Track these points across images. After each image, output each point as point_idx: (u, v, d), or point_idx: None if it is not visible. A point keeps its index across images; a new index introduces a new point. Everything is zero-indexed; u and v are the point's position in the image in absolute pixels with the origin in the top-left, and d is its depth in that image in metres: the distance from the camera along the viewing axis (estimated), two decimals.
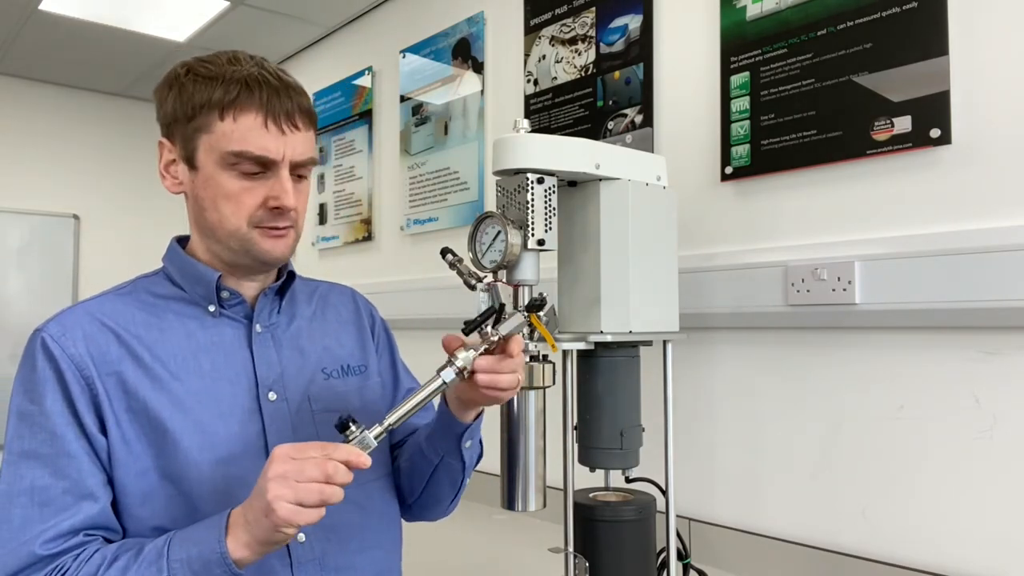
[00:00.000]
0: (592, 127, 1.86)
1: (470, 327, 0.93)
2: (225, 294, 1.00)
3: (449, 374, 0.90)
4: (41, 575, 0.85)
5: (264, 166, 0.94)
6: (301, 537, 0.96)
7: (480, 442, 1.12)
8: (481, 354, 0.91)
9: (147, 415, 0.92)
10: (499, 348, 0.93)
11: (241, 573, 0.82)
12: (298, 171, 0.98)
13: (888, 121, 1.33)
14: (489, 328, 0.92)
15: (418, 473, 1.11)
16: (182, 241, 1.04)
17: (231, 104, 0.93)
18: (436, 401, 0.99)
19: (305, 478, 0.79)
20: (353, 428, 0.84)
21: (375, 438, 0.85)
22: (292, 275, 1.07)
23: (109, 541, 0.91)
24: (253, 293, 1.03)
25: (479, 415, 1.03)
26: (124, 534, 0.92)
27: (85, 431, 0.91)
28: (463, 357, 0.90)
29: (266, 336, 1.03)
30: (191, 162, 0.97)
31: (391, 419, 0.87)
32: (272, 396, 1.00)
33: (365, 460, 0.82)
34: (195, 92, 0.95)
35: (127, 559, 0.85)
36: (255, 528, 0.81)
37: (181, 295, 1.01)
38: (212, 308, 1.00)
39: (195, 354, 0.97)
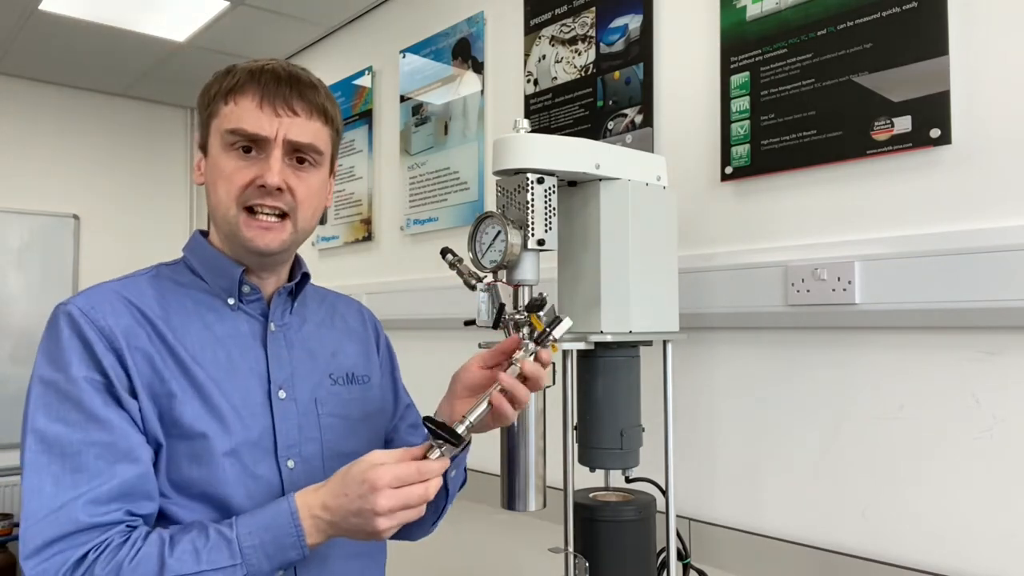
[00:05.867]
0: (592, 127, 1.86)
1: (540, 338, 0.97)
2: (246, 288, 1.02)
3: (514, 370, 0.96)
4: (87, 548, 0.82)
5: (257, 145, 0.96)
6: None
7: (464, 470, 1.13)
8: (536, 343, 0.97)
9: (168, 397, 0.92)
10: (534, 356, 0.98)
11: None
12: (297, 155, 0.98)
13: (888, 121, 1.33)
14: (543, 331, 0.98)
15: None
16: (204, 234, 1.06)
17: (233, 89, 0.97)
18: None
19: (415, 501, 0.85)
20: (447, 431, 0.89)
21: (466, 432, 0.91)
22: (306, 276, 1.09)
23: (146, 520, 0.90)
24: (269, 290, 1.05)
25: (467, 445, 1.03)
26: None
27: (115, 394, 0.89)
28: (520, 357, 0.96)
29: (279, 335, 1.04)
30: (205, 149, 1.01)
31: (471, 418, 0.92)
32: (282, 394, 1.01)
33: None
34: (212, 85, 1.01)
35: (192, 538, 0.84)
36: (343, 525, 0.86)
37: (202, 285, 1.02)
38: (231, 301, 1.02)
39: (212, 344, 0.99)
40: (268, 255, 0.99)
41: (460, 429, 0.89)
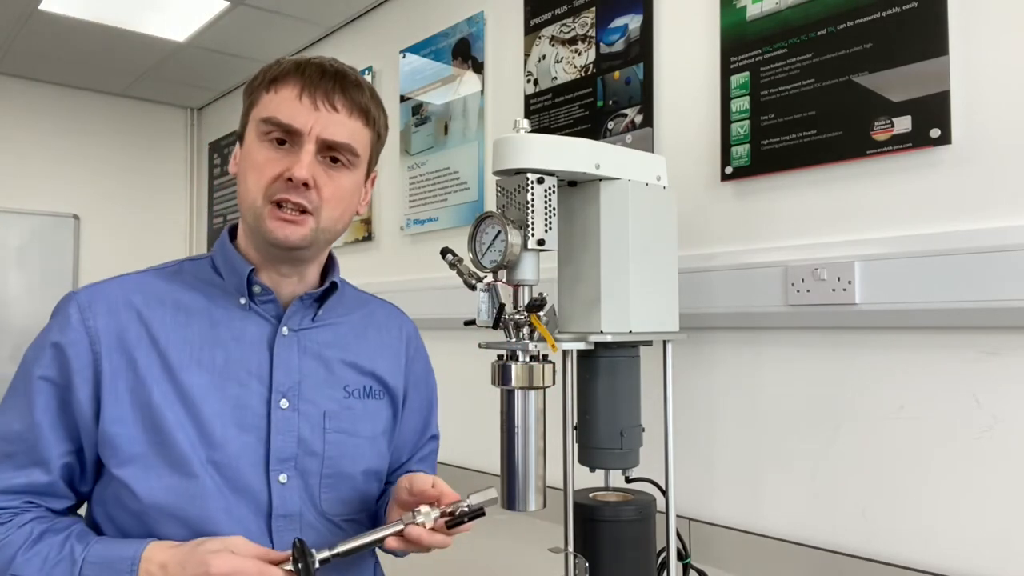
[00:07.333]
0: (592, 127, 1.86)
1: (451, 520, 0.93)
2: (256, 288, 0.99)
3: (407, 521, 0.92)
4: None
5: (291, 137, 0.94)
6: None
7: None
8: (440, 515, 0.93)
9: (149, 403, 0.92)
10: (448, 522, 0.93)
11: None
12: (332, 153, 0.96)
13: (888, 121, 1.33)
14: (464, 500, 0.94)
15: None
16: (235, 230, 1.04)
17: (277, 78, 0.96)
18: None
19: None
20: (308, 554, 0.86)
21: (320, 562, 0.87)
22: (334, 286, 1.04)
23: (52, 510, 0.93)
24: (289, 292, 1.01)
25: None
26: (122, 503, 0.92)
27: (65, 398, 0.92)
28: (425, 513, 0.92)
29: (292, 340, 1.00)
30: (242, 139, 0.99)
31: (341, 548, 0.89)
32: (284, 404, 0.97)
33: None
34: (257, 75, 0.99)
35: (50, 544, 0.87)
36: None
37: (219, 282, 1.00)
38: (243, 301, 0.99)
39: (212, 345, 0.96)
40: (288, 249, 0.96)
41: (320, 556, 0.87)
